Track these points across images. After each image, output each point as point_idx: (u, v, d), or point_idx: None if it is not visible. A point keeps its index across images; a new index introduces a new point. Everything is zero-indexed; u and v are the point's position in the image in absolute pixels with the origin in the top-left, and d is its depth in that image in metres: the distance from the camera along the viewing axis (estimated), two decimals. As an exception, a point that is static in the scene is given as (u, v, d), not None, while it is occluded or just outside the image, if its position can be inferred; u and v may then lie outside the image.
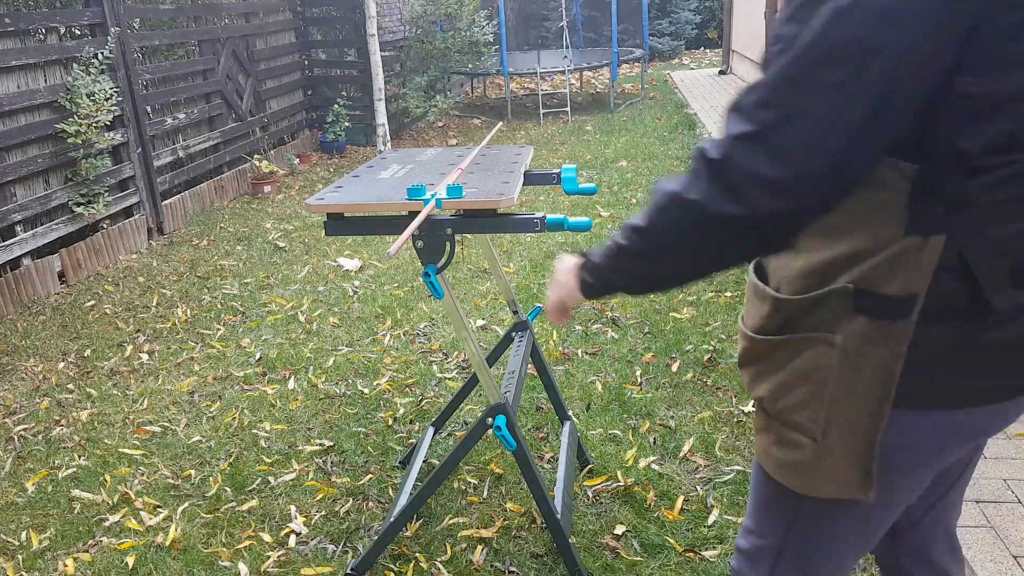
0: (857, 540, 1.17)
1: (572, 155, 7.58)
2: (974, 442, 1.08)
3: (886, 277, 0.96)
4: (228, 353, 3.79)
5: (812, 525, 1.15)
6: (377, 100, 7.59)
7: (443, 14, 9.20)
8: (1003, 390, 1.01)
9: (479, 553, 2.31)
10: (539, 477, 2.05)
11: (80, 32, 5.30)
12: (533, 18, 15.44)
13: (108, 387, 3.51)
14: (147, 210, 5.67)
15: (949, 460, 1.09)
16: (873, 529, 1.16)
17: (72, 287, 4.79)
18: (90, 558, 2.40)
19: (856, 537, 1.16)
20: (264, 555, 2.37)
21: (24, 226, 4.61)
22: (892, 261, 0.95)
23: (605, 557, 2.26)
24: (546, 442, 2.87)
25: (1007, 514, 2.28)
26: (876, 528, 1.16)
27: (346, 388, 3.39)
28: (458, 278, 4.57)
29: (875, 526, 1.15)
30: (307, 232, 5.72)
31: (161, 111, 6.02)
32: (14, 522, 2.60)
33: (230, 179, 6.79)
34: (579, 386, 3.23)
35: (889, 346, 0.96)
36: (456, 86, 11.23)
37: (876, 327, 0.97)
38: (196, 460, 2.91)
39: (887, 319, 0.96)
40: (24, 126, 4.56)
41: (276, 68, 7.83)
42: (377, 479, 2.72)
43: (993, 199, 0.91)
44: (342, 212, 1.88)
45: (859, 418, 1.00)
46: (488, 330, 3.87)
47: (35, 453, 3.01)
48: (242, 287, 4.68)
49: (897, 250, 0.95)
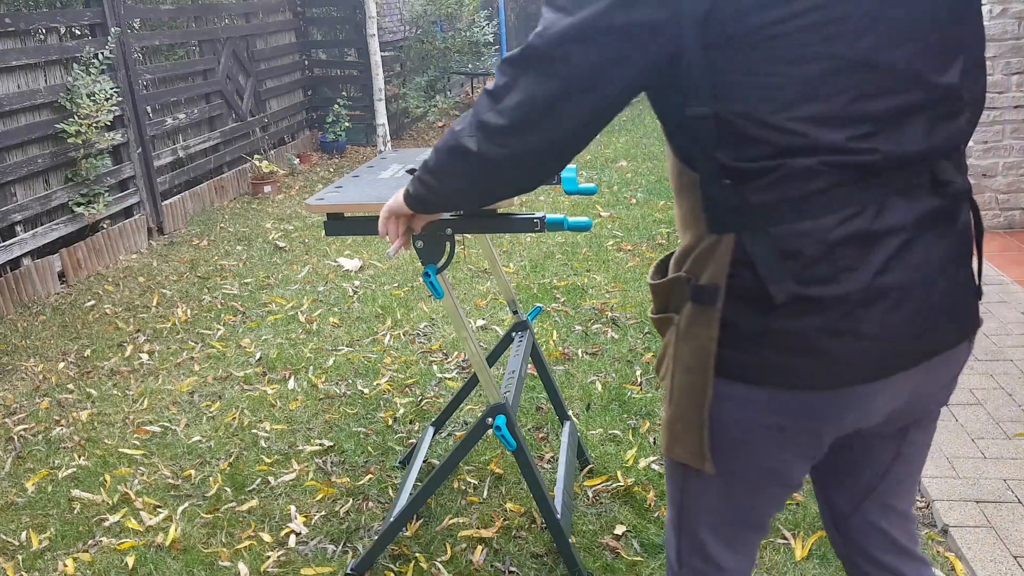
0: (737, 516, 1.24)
1: (572, 155, 7.56)
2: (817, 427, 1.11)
3: (701, 269, 1.10)
4: (228, 353, 3.79)
5: (692, 497, 1.25)
6: (377, 100, 7.59)
7: (443, 14, 9.21)
8: (819, 378, 1.06)
9: (479, 553, 2.31)
10: (539, 477, 2.05)
11: (80, 32, 5.31)
12: (533, 18, 15.43)
13: (108, 387, 3.51)
14: (147, 210, 5.68)
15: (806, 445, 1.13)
16: (744, 505, 1.22)
17: (72, 287, 4.79)
18: (90, 558, 2.40)
19: (735, 512, 1.23)
20: (264, 555, 2.37)
21: (24, 226, 4.62)
22: (702, 255, 1.10)
23: (605, 557, 2.26)
24: (546, 442, 2.87)
25: (1007, 514, 2.28)
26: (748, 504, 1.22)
27: (346, 388, 3.39)
28: (458, 278, 4.57)
29: (745, 502, 1.22)
30: (307, 232, 5.72)
31: (161, 111, 6.02)
32: (14, 522, 2.61)
33: (230, 179, 6.79)
34: (579, 386, 3.23)
35: (706, 327, 1.10)
36: (456, 86, 11.23)
37: (698, 311, 1.11)
38: (196, 460, 2.91)
39: (703, 305, 1.10)
40: (24, 126, 4.57)
41: (276, 68, 7.83)
42: (377, 479, 2.72)
43: (765, 201, 1.02)
44: (342, 212, 1.88)
45: (692, 389, 1.13)
46: (488, 330, 3.87)
47: (35, 453, 3.01)
48: (242, 287, 4.68)
49: (705, 246, 1.09)
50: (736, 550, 1.28)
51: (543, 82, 1.05)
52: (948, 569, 2.13)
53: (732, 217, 1.06)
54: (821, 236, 1.02)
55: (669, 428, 1.19)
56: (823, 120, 0.99)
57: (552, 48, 1.03)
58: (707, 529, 1.26)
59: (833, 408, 1.09)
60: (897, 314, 1.04)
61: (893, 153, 1.02)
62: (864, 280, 1.02)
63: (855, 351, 1.04)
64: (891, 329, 1.05)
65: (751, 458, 1.16)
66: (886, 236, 1.03)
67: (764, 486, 1.20)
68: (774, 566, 2.17)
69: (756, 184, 1.02)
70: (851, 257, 1.02)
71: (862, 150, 1.01)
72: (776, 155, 1.00)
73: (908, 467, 1.30)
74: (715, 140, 1.03)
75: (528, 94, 1.06)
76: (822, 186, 1.01)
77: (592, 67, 1.03)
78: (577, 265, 4.68)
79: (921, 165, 1.05)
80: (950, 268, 1.09)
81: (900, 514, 1.34)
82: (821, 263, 1.02)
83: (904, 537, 1.35)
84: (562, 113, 1.06)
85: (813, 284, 1.03)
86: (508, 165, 1.14)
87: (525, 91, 1.06)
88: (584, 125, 1.08)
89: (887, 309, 1.04)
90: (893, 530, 1.34)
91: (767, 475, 1.18)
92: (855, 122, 1.00)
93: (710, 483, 1.21)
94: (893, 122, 1.02)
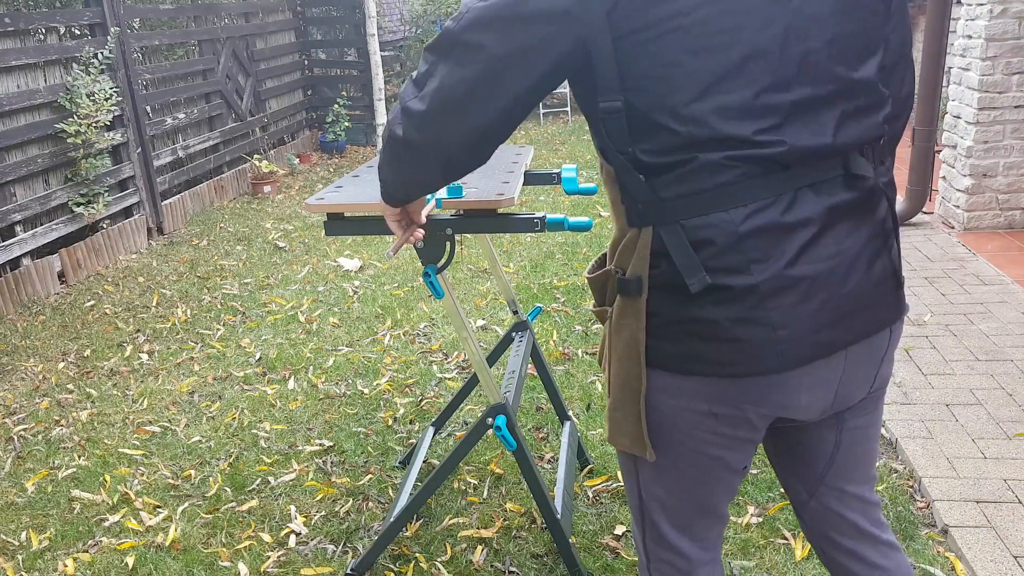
0: (688, 502, 1.26)
1: (572, 155, 7.58)
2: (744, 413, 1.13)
3: (625, 262, 1.13)
4: (228, 353, 3.79)
5: (644, 486, 1.28)
6: (377, 100, 7.59)
7: (443, 14, 9.21)
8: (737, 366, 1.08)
9: (479, 553, 2.31)
10: (539, 477, 2.05)
11: (80, 32, 5.30)
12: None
13: (108, 387, 3.51)
14: (147, 210, 5.67)
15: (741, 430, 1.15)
16: (692, 490, 1.24)
17: (72, 287, 4.79)
18: (90, 558, 2.40)
19: (685, 499, 1.25)
20: (264, 555, 2.37)
21: (24, 226, 4.61)
22: (626, 248, 1.13)
23: (605, 557, 2.26)
24: (546, 442, 2.87)
25: (1007, 514, 2.28)
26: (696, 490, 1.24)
27: (346, 388, 3.39)
28: (458, 278, 4.57)
29: (693, 487, 1.24)
30: (307, 232, 5.72)
31: (161, 111, 6.02)
32: (14, 522, 2.60)
33: (230, 179, 6.79)
34: (579, 386, 3.23)
35: (634, 318, 1.13)
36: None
37: (625, 302, 1.13)
38: (196, 460, 2.91)
39: (630, 296, 1.12)
40: (24, 126, 4.56)
41: (276, 68, 7.83)
42: (377, 479, 2.72)
43: (678, 194, 1.05)
44: (342, 212, 1.88)
45: (627, 379, 1.16)
46: (488, 330, 3.87)
47: (35, 453, 3.01)
48: (242, 287, 4.68)
49: (628, 240, 1.13)
50: (694, 538, 1.30)
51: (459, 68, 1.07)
52: (948, 569, 2.13)
53: (648, 210, 1.08)
54: (731, 228, 1.04)
55: (610, 417, 1.22)
56: (729, 112, 1.01)
57: (466, 34, 1.05)
58: (663, 517, 1.28)
59: (755, 393, 1.11)
60: (807, 305, 1.06)
61: (800, 146, 1.03)
62: (774, 271, 1.04)
63: (768, 340, 1.06)
64: (802, 319, 1.06)
65: (688, 443, 1.18)
66: (796, 228, 1.04)
67: (707, 470, 1.21)
68: (774, 566, 2.17)
69: (665, 178, 1.05)
70: (761, 248, 1.04)
71: (769, 143, 1.02)
72: (684, 148, 1.03)
73: (853, 452, 1.31)
74: (626, 133, 1.06)
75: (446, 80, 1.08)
76: (730, 179, 1.03)
77: (506, 54, 1.04)
78: (577, 265, 4.68)
79: (832, 159, 1.07)
80: (863, 260, 1.10)
81: (857, 498, 1.35)
82: (732, 253, 1.04)
83: (865, 521, 1.36)
84: (480, 99, 1.08)
85: (725, 274, 1.05)
86: (432, 151, 1.16)
87: (443, 77, 1.08)
88: (505, 113, 1.10)
89: (797, 300, 1.05)
90: (851, 514, 1.35)
91: (707, 460, 1.20)
92: (761, 115, 1.02)
93: (658, 471, 1.24)
94: (800, 115, 1.03)
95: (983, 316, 3.51)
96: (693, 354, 1.10)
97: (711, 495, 1.25)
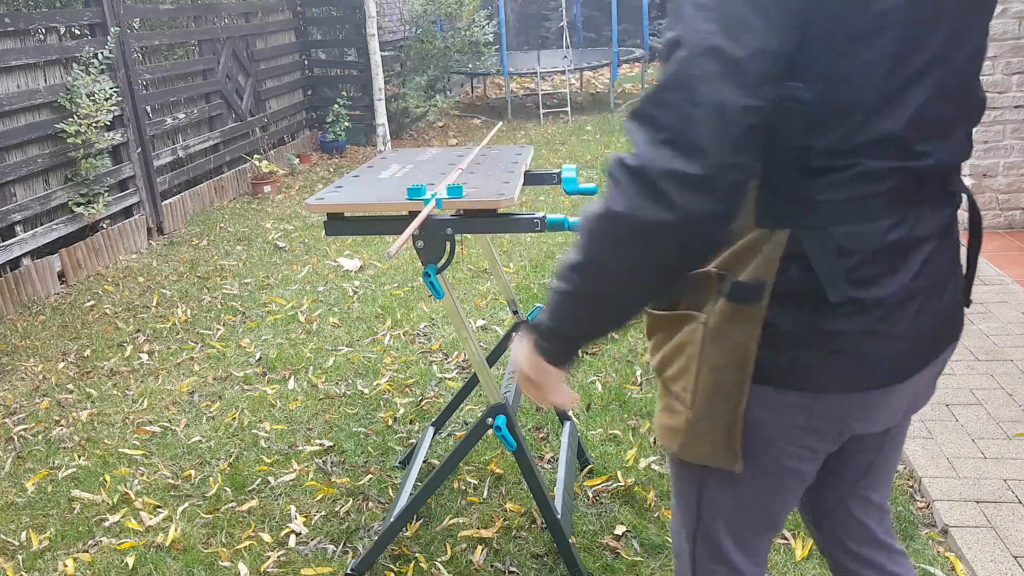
0: (756, 516, 1.23)
1: (572, 155, 7.57)
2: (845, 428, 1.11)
3: (741, 264, 1.04)
4: (228, 353, 3.79)
5: (713, 499, 1.22)
6: (377, 100, 7.59)
7: (443, 14, 9.20)
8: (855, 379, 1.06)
9: (479, 553, 2.31)
10: (539, 477, 2.05)
11: (80, 32, 5.30)
12: (533, 18, 15.44)
13: (108, 387, 3.51)
14: (147, 210, 5.67)
15: (829, 443, 1.13)
16: (764, 503, 1.21)
17: (72, 287, 4.79)
18: (90, 558, 2.40)
19: (754, 513, 1.22)
20: (264, 555, 2.37)
21: (24, 226, 4.61)
22: (745, 250, 1.04)
23: (605, 557, 2.26)
24: (546, 442, 2.87)
25: (1007, 514, 2.28)
26: (768, 502, 1.21)
27: (346, 388, 3.39)
28: (458, 278, 4.57)
29: (766, 500, 1.20)
30: (307, 232, 5.72)
31: (161, 111, 6.02)
32: (14, 522, 2.60)
33: (230, 179, 6.79)
34: (579, 386, 3.23)
35: (745, 326, 1.05)
36: (456, 86, 11.23)
37: (734, 309, 1.05)
38: (196, 460, 2.91)
39: (742, 302, 1.04)
40: (24, 126, 4.56)
41: (276, 68, 7.83)
42: (377, 479, 2.72)
43: (832, 199, 0.99)
44: (342, 212, 1.88)
45: (722, 390, 1.09)
46: (488, 330, 3.87)
47: (35, 453, 3.01)
48: (242, 287, 4.68)
49: (749, 240, 1.04)
50: (750, 552, 1.27)
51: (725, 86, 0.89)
52: (948, 569, 2.13)
53: (790, 210, 1.01)
54: (877, 240, 1.01)
55: (688, 430, 1.13)
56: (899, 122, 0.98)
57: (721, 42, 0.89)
58: (726, 532, 1.24)
59: (862, 409, 1.10)
60: (920, 318, 1.07)
61: (944, 163, 1.03)
62: (900, 284, 1.04)
63: (889, 352, 1.06)
64: (918, 331, 1.07)
65: (778, 457, 1.15)
66: (922, 243, 1.05)
67: (785, 483, 1.19)
68: (774, 566, 2.17)
69: (825, 181, 0.99)
70: (894, 262, 1.03)
71: (922, 153, 1.01)
72: (854, 152, 0.98)
73: (888, 461, 1.33)
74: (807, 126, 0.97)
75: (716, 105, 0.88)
76: (883, 189, 1.00)
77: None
78: (577, 265, 4.67)
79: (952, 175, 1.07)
80: (953, 275, 1.12)
81: (877, 507, 1.37)
82: (870, 265, 1.02)
83: (881, 530, 1.37)
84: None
85: (858, 285, 1.02)
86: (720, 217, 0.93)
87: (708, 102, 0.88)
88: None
89: (915, 312, 1.06)
90: (871, 523, 1.36)
91: (788, 472, 1.17)
92: (923, 127, 1.00)
93: (732, 484, 1.18)
94: (946, 129, 1.03)
95: (983, 316, 3.51)
96: (809, 368, 1.05)
97: (780, 506, 1.23)
